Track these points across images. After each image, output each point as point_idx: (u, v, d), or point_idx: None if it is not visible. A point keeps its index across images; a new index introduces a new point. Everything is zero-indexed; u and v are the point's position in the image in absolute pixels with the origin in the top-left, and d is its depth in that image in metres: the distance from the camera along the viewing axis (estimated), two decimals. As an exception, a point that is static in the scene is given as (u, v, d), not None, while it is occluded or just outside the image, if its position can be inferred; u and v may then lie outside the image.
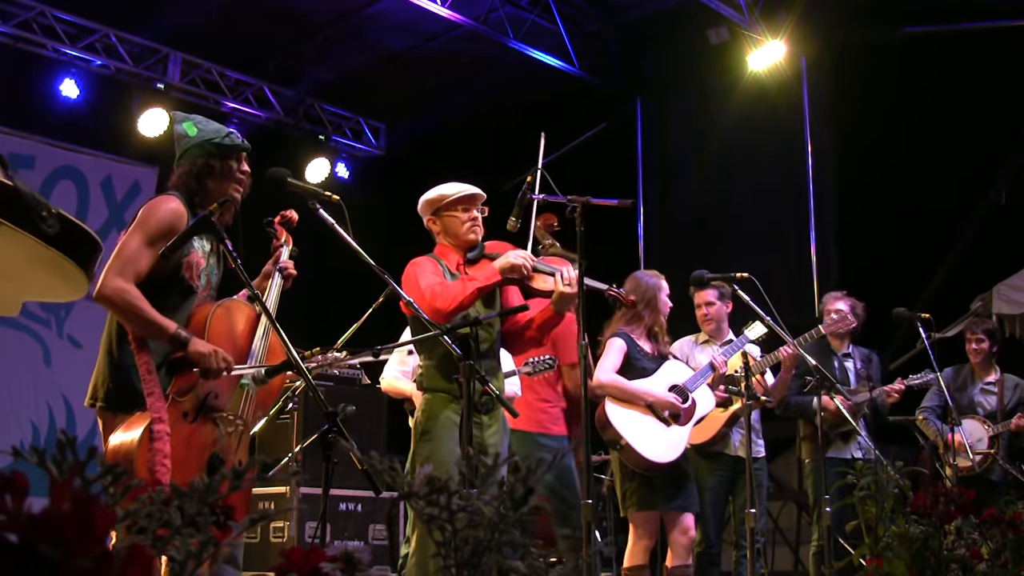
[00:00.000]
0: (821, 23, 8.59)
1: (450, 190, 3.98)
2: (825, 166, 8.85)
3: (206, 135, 3.37)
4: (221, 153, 3.36)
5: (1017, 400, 6.33)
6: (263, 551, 6.01)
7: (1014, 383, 6.41)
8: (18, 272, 2.11)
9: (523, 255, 3.85)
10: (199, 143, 3.35)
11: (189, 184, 3.33)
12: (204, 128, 3.41)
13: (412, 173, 9.08)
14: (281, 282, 3.53)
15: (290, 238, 3.66)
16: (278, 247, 3.63)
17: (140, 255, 3.13)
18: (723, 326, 5.59)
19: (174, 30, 8.66)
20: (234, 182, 3.38)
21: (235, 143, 3.40)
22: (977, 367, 6.40)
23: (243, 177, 3.41)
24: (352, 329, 4.83)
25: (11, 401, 8.02)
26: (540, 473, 1.45)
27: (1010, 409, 6.28)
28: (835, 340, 5.97)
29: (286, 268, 3.56)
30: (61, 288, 2.21)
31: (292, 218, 3.68)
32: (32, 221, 1.96)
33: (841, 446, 5.75)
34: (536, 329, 3.98)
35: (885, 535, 2.75)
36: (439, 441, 3.72)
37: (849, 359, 5.98)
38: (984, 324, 6.50)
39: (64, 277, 2.08)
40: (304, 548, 1.18)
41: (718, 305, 5.54)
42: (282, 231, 3.65)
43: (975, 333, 6.37)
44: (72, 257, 2.03)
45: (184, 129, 3.41)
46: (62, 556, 0.81)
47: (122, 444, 3.03)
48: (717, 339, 5.59)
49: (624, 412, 4.86)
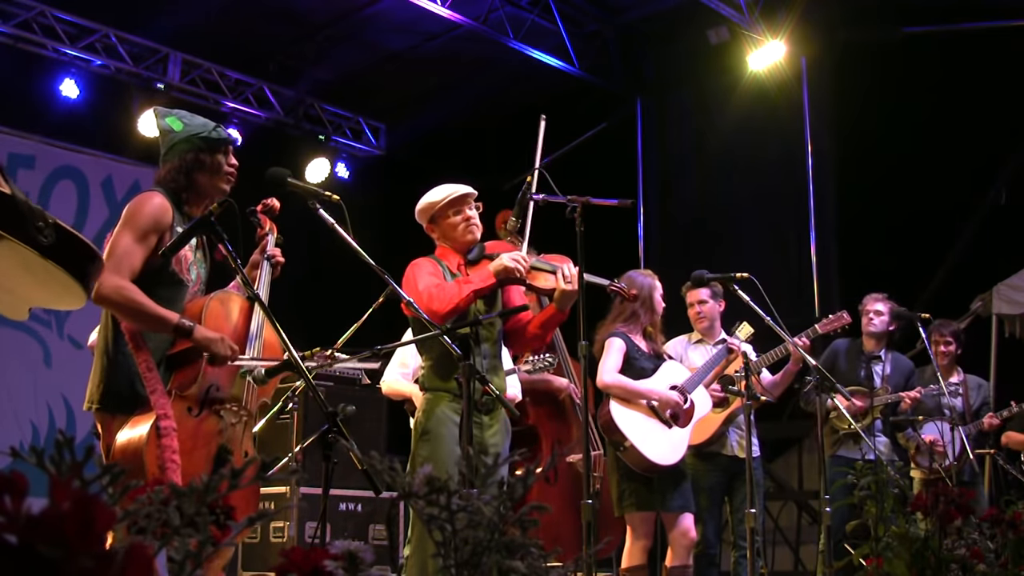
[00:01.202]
0: (821, 23, 8.59)
1: (438, 195, 3.96)
2: (825, 166, 8.85)
3: (193, 129, 3.35)
4: (209, 147, 3.34)
5: (982, 401, 6.36)
6: (263, 551, 6.01)
7: (977, 384, 6.45)
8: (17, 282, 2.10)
9: (518, 256, 3.83)
10: (186, 137, 3.33)
11: (178, 179, 3.31)
12: (190, 123, 3.38)
13: (412, 173, 9.08)
14: (270, 271, 3.52)
15: (274, 226, 3.65)
16: (263, 236, 3.62)
17: (132, 252, 3.12)
18: (716, 325, 5.60)
19: (174, 30, 8.66)
20: (223, 176, 3.38)
21: (222, 136, 3.38)
22: (943, 368, 6.40)
23: (231, 171, 3.40)
24: (352, 329, 4.82)
25: (11, 401, 8.02)
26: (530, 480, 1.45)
27: (976, 410, 6.31)
28: (869, 341, 6.00)
29: (274, 256, 3.56)
30: (62, 297, 2.21)
31: (274, 206, 3.67)
32: (27, 231, 1.95)
33: (852, 446, 5.76)
34: (539, 326, 3.97)
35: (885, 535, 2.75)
36: (440, 441, 3.72)
37: (879, 363, 5.97)
38: (951, 326, 6.48)
39: (63, 287, 2.08)
40: (304, 548, 1.18)
41: (711, 304, 5.55)
42: (266, 220, 3.64)
43: (943, 335, 6.35)
44: (68, 269, 2.02)
45: (169, 124, 3.38)
46: (62, 556, 0.81)
47: (130, 442, 3.03)
48: (710, 338, 5.59)
49: (628, 413, 4.86)
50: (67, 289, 2.07)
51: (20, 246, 1.93)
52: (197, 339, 3.12)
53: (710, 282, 5.05)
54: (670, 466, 4.80)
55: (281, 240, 3.61)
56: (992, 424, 6.15)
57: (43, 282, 2.08)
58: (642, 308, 5.00)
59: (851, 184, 8.58)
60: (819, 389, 4.59)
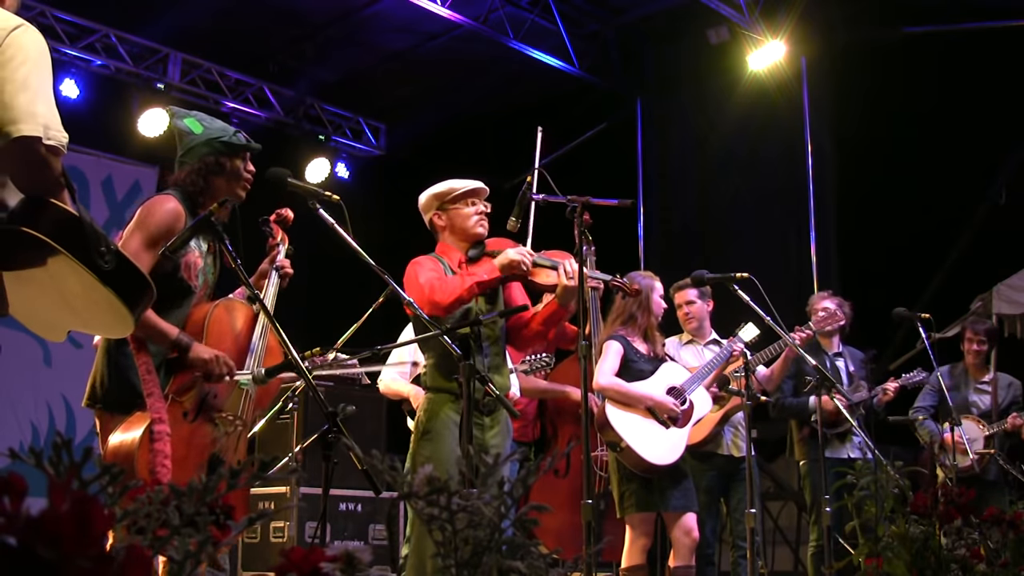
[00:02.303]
0: (821, 23, 8.59)
1: (458, 183, 3.98)
2: (825, 166, 8.85)
3: (213, 133, 3.34)
4: (230, 151, 3.33)
5: (1011, 399, 6.34)
6: (263, 551, 6.01)
7: (1007, 382, 6.42)
8: (71, 301, 2.11)
9: (522, 251, 3.84)
10: (207, 140, 3.32)
11: (196, 182, 3.29)
12: (210, 126, 3.37)
13: (412, 173, 9.07)
14: (278, 281, 3.52)
15: (286, 237, 3.64)
16: (274, 246, 3.62)
17: (140, 257, 3.10)
18: (705, 324, 5.60)
19: (174, 30, 8.65)
20: (241, 182, 3.37)
21: (243, 142, 3.37)
22: (973, 367, 6.40)
23: (248, 177, 3.40)
24: (352, 329, 4.83)
25: (11, 401, 8.01)
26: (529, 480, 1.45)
27: (1004, 408, 6.29)
28: (824, 339, 5.95)
29: (283, 267, 3.56)
30: (109, 323, 2.21)
31: (288, 217, 3.67)
32: (90, 254, 1.96)
33: (837, 446, 5.74)
34: (541, 324, 3.96)
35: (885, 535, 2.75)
36: (440, 441, 3.71)
37: (840, 358, 5.97)
38: (985, 324, 6.49)
39: (112, 314, 2.08)
40: (304, 548, 1.18)
41: (699, 304, 5.54)
42: (278, 230, 3.64)
43: (977, 334, 6.35)
44: (122, 296, 2.03)
45: (188, 125, 3.36)
46: (61, 558, 0.81)
47: (122, 444, 3.03)
48: (700, 338, 5.59)
49: (624, 414, 4.86)
50: (116, 316, 2.08)
51: (80, 268, 1.94)
52: (192, 358, 3.12)
53: (710, 282, 5.04)
54: (668, 466, 4.80)
55: (292, 251, 3.60)
56: (1016, 424, 6.12)
57: (93, 305, 2.09)
58: (640, 310, 5.00)
59: (851, 184, 8.58)
60: (819, 389, 4.58)
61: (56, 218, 1.99)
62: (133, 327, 2.20)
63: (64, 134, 2.11)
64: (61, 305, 2.15)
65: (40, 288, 2.06)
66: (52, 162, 2.06)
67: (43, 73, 2.14)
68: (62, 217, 2.00)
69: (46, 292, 2.08)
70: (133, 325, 2.15)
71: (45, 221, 1.97)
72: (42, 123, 2.06)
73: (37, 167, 2.04)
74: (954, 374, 6.34)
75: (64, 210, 2.02)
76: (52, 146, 2.06)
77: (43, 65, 2.16)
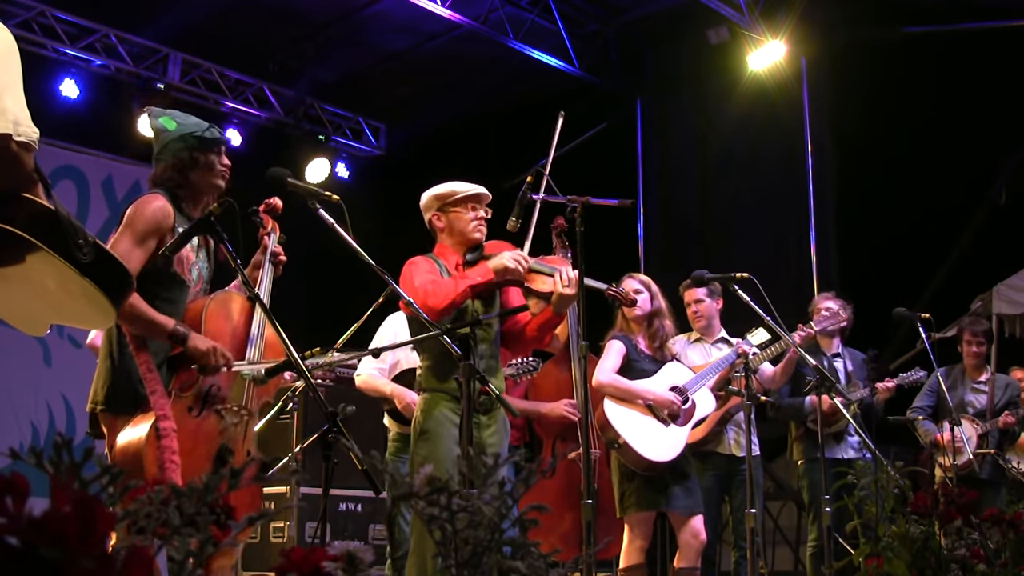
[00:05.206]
0: (821, 23, 8.59)
1: (461, 187, 3.98)
2: (825, 166, 8.84)
3: (186, 128, 3.38)
4: (203, 146, 3.37)
5: (1007, 399, 6.34)
6: (263, 551, 6.01)
7: (1005, 383, 6.43)
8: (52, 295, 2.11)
9: (518, 256, 3.83)
10: (180, 136, 3.36)
11: (173, 178, 3.34)
12: (184, 122, 3.42)
13: (412, 173, 9.07)
14: (272, 269, 3.54)
15: (276, 225, 3.66)
16: (264, 235, 3.63)
17: (131, 255, 3.13)
18: (714, 323, 5.60)
19: (174, 30, 8.66)
20: (216, 173, 3.40)
21: (215, 136, 3.42)
22: (970, 368, 6.41)
23: (224, 169, 3.43)
24: (352, 329, 4.83)
25: (11, 401, 8.01)
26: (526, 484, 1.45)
27: (999, 408, 6.29)
28: (824, 340, 5.95)
29: (277, 254, 3.57)
30: (90, 316, 2.21)
31: (277, 206, 3.69)
32: (68, 247, 1.96)
33: (834, 446, 5.75)
34: (536, 329, 3.97)
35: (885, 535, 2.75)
36: (438, 441, 3.71)
37: (839, 359, 5.97)
38: (983, 326, 6.49)
39: (93, 306, 2.08)
40: (304, 548, 1.18)
41: (708, 302, 5.55)
42: (268, 219, 3.65)
43: (975, 335, 6.36)
44: (102, 288, 2.03)
45: (163, 124, 3.41)
46: (64, 558, 0.81)
47: (130, 443, 3.04)
48: (709, 337, 5.59)
49: (623, 411, 4.86)
50: (97, 308, 2.08)
51: (58, 261, 1.94)
52: (189, 348, 3.13)
53: (710, 282, 5.05)
54: (666, 463, 4.79)
55: (284, 239, 3.62)
56: (1007, 422, 6.13)
57: (73, 299, 2.09)
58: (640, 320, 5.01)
59: (851, 184, 8.58)
60: (818, 389, 4.58)
61: (31, 212, 1.98)
62: (115, 318, 2.19)
63: (35, 129, 2.08)
64: (41, 299, 2.15)
65: (19, 283, 2.06)
66: (24, 158, 2.03)
67: (11, 69, 2.13)
68: (37, 211, 1.99)
69: (25, 287, 2.07)
70: (115, 316, 2.15)
71: (21, 216, 1.96)
72: (11, 119, 2.04)
73: (9, 164, 2.01)
74: (951, 374, 6.34)
75: (39, 204, 2.01)
76: (23, 142, 2.04)
77: (11, 61, 2.14)
